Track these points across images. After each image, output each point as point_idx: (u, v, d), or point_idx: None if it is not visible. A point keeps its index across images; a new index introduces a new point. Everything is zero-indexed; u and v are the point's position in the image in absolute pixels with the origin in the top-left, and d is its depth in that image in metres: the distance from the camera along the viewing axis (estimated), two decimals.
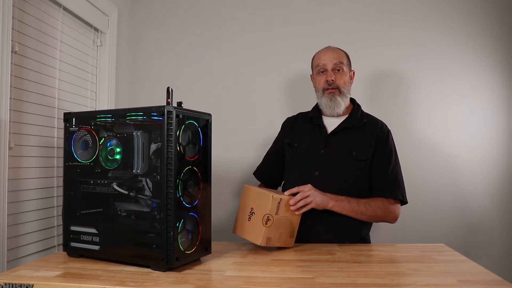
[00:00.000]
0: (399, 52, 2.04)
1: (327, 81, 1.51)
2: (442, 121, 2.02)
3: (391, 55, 2.04)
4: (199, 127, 1.14)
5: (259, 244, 1.24)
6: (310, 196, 1.31)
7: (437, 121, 2.02)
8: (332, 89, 1.51)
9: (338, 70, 1.52)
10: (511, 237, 1.98)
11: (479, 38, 2.01)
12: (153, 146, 1.06)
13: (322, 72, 1.53)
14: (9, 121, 1.28)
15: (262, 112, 2.09)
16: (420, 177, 1.99)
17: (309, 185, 1.34)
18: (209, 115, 1.18)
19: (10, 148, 1.30)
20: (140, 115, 1.08)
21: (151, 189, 1.07)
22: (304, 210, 1.31)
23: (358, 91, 1.85)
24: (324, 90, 1.52)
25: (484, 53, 2.00)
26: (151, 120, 1.06)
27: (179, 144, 1.06)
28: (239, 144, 2.09)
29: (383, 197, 1.45)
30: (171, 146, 1.03)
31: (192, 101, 1.33)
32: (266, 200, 1.25)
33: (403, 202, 1.49)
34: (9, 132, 1.29)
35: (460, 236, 1.99)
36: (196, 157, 1.12)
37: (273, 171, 1.63)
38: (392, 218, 1.46)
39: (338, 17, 2.07)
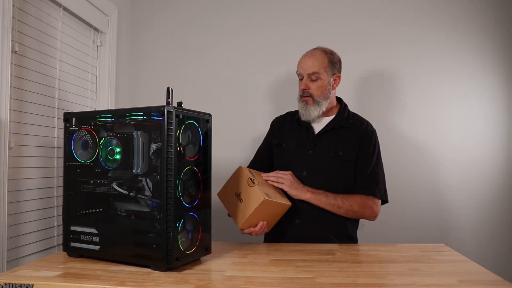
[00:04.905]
0: (398, 52, 2.04)
1: (302, 89, 1.54)
2: (441, 121, 2.02)
3: (390, 55, 2.04)
4: (199, 127, 1.14)
5: (262, 199, 1.29)
6: (285, 179, 1.42)
7: (436, 121, 2.02)
8: (305, 97, 1.53)
9: (314, 80, 1.53)
10: (511, 237, 1.98)
11: (479, 38, 2.01)
12: (153, 146, 1.06)
13: (301, 79, 1.56)
14: (9, 121, 1.28)
15: (262, 112, 2.09)
16: (420, 177, 1.99)
17: (290, 172, 1.45)
18: (209, 115, 1.18)
19: (10, 148, 1.30)
20: (140, 115, 1.08)
21: (151, 189, 1.06)
22: (275, 184, 1.43)
23: (357, 90, 1.86)
24: (300, 96, 1.55)
25: (484, 53, 2.00)
26: (151, 120, 1.06)
27: (179, 144, 1.06)
28: (239, 144, 2.09)
29: (361, 193, 1.47)
30: (171, 146, 1.03)
31: (192, 101, 1.33)
32: (241, 172, 1.41)
33: (384, 201, 1.51)
34: (9, 132, 1.29)
35: (460, 236, 1.99)
36: (196, 157, 1.12)
37: (264, 168, 1.64)
38: (370, 215, 1.48)
39: (338, 17, 2.07)
